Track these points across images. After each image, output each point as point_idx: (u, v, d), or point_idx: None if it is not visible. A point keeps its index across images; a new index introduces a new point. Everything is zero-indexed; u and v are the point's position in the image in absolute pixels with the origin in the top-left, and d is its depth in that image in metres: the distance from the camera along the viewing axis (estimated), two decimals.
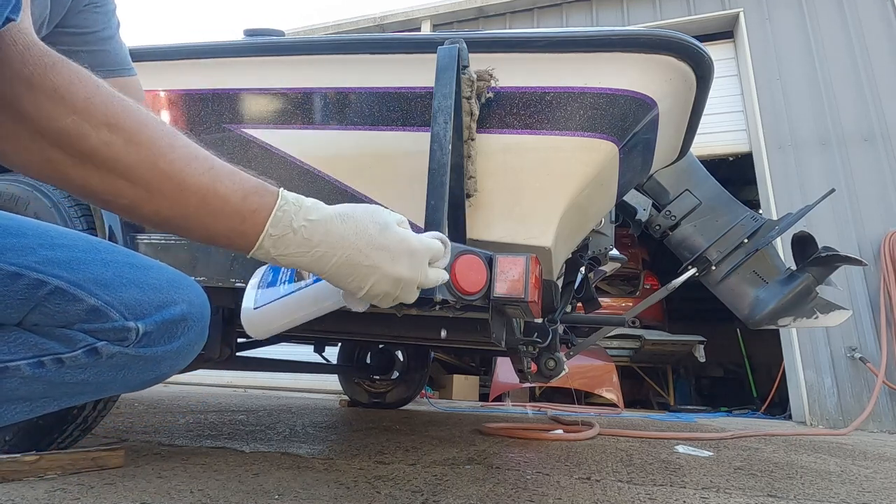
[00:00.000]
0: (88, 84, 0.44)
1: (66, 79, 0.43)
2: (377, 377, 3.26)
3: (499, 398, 5.08)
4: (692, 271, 1.98)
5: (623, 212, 1.99)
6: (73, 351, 0.50)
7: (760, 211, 4.75)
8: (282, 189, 0.52)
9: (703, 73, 1.20)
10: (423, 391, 4.40)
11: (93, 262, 0.52)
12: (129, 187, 0.45)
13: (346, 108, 1.24)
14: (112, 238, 1.28)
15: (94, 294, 0.50)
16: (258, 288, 0.75)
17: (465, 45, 1.09)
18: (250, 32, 1.50)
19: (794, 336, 4.41)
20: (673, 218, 1.97)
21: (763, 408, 5.45)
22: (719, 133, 5.25)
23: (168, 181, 0.46)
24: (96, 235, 1.25)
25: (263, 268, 0.79)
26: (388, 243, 0.54)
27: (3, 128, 0.42)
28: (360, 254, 0.53)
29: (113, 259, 0.54)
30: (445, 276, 0.64)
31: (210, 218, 0.48)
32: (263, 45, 1.30)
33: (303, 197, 0.53)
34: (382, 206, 0.59)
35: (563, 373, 1.71)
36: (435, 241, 0.62)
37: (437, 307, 0.76)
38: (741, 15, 5.33)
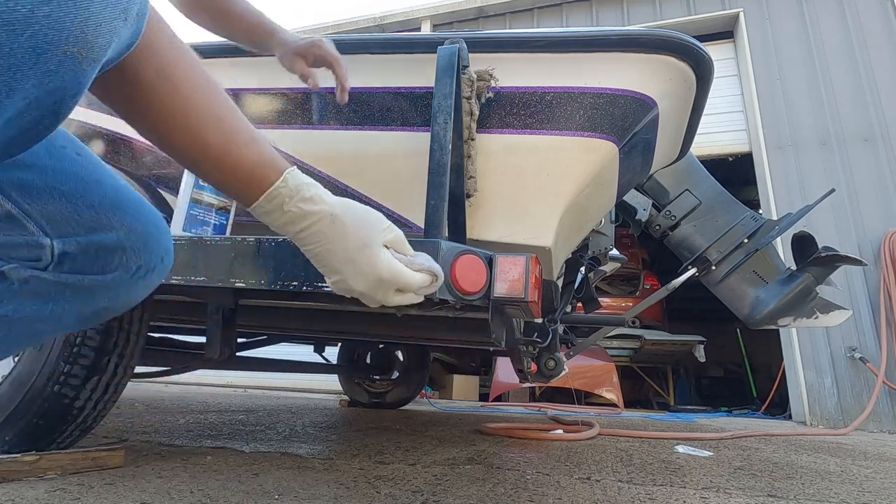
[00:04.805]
0: (184, 55, 0.49)
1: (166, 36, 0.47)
2: (377, 377, 3.26)
3: (499, 398, 5.08)
4: (692, 271, 1.98)
5: (623, 212, 1.99)
6: None
7: (760, 211, 4.75)
8: (291, 170, 0.54)
9: (703, 73, 1.20)
10: (423, 391, 4.40)
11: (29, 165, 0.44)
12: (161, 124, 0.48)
13: (346, 108, 1.24)
14: None
15: (10, 198, 0.42)
16: None
17: (465, 45, 1.09)
18: None
19: (794, 336, 4.41)
20: (673, 218, 1.97)
21: (763, 408, 5.45)
22: (719, 133, 5.25)
23: (190, 132, 0.49)
24: None
25: None
26: (358, 259, 0.56)
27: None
28: (332, 255, 0.56)
29: (59, 166, 0.46)
30: (413, 301, 0.62)
31: (221, 173, 0.52)
32: None
33: (307, 185, 0.55)
34: (388, 208, 0.61)
35: (563, 373, 1.71)
36: (419, 275, 0.61)
37: (437, 307, 0.76)
38: (741, 15, 5.34)
